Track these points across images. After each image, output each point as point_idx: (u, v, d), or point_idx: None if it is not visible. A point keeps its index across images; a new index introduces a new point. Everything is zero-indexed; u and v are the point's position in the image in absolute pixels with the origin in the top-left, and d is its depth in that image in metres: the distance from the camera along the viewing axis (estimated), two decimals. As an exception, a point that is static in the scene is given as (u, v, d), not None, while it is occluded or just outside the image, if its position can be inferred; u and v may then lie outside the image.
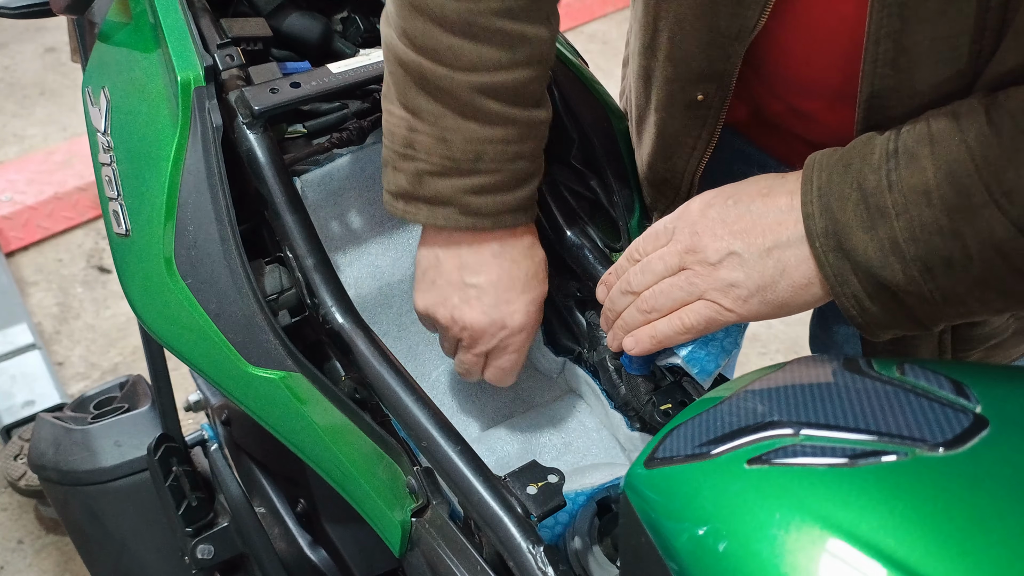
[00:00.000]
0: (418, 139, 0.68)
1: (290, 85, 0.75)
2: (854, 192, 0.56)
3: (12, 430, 1.69)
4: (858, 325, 0.59)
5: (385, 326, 0.82)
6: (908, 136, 0.55)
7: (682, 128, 0.75)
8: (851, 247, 0.56)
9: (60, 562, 1.61)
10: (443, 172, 0.68)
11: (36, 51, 2.85)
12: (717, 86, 0.70)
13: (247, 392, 0.71)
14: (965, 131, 0.53)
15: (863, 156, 0.57)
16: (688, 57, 0.70)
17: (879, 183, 0.55)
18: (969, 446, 0.44)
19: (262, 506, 1.05)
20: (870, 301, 0.57)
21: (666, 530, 0.47)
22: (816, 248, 0.57)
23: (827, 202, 0.57)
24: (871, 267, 0.56)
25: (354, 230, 0.83)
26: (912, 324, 0.58)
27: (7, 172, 2.38)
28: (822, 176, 0.58)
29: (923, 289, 0.55)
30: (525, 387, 0.84)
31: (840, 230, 0.56)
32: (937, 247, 0.54)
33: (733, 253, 0.60)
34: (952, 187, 0.53)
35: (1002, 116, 0.52)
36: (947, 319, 0.58)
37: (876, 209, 0.55)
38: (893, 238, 0.54)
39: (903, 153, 0.55)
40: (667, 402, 0.73)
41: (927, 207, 0.53)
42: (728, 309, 0.62)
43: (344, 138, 0.82)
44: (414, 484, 0.67)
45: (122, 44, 0.82)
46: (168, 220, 0.71)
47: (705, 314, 0.62)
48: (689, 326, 0.63)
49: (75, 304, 2.11)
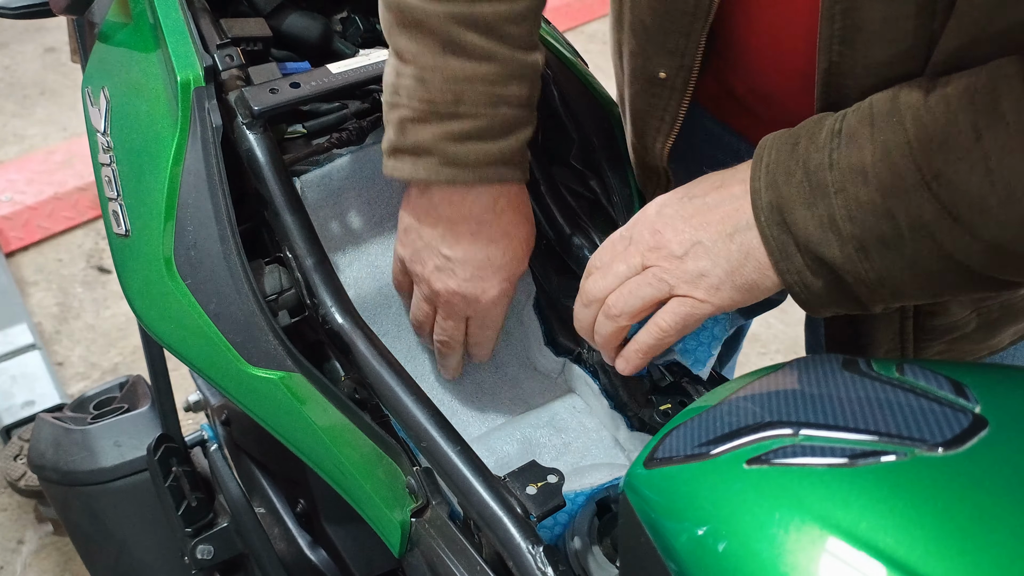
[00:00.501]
0: (401, 83, 0.67)
1: (290, 85, 0.75)
2: (799, 169, 0.57)
3: (12, 430, 1.69)
4: (800, 301, 0.60)
5: (385, 326, 0.82)
6: (852, 116, 0.56)
7: (647, 106, 0.75)
8: (792, 221, 0.57)
9: (60, 562, 1.61)
10: (423, 117, 0.67)
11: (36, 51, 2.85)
12: (679, 65, 0.69)
13: (247, 392, 0.71)
14: (903, 113, 0.54)
15: (811, 135, 0.58)
16: (648, 31, 0.70)
17: (822, 161, 0.56)
18: (968, 446, 0.44)
19: (262, 506, 1.05)
20: (812, 276, 0.58)
21: (665, 530, 0.47)
22: (761, 222, 0.58)
23: (773, 178, 0.58)
24: (811, 242, 0.56)
25: (354, 230, 0.83)
26: (852, 303, 0.59)
27: (7, 172, 2.38)
28: (771, 154, 0.59)
29: (859, 268, 0.56)
30: (525, 387, 0.84)
31: (783, 204, 0.57)
32: (871, 226, 0.54)
33: (698, 243, 0.61)
34: (887, 167, 0.53)
35: (939, 100, 0.53)
36: (885, 300, 0.58)
37: (817, 186, 0.56)
38: (831, 215, 0.55)
39: (845, 133, 0.56)
40: (667, 402, 0.73)
41: (863, 186, 0.54)
42: (702, 300, 0.61)
43: (344, 138, 0.82)
44: (414, 484, 0.67)
45: (122, 44, 0.82)
46: (168, 220, 0.71)
47: (681, 312, 0.62)
48: (667, 328, 0.63)
49: (75, 304, 2.11)
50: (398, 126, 0.68)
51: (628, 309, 0.63)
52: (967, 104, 0.52)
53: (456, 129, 0.67)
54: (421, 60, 0.66)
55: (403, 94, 0.67)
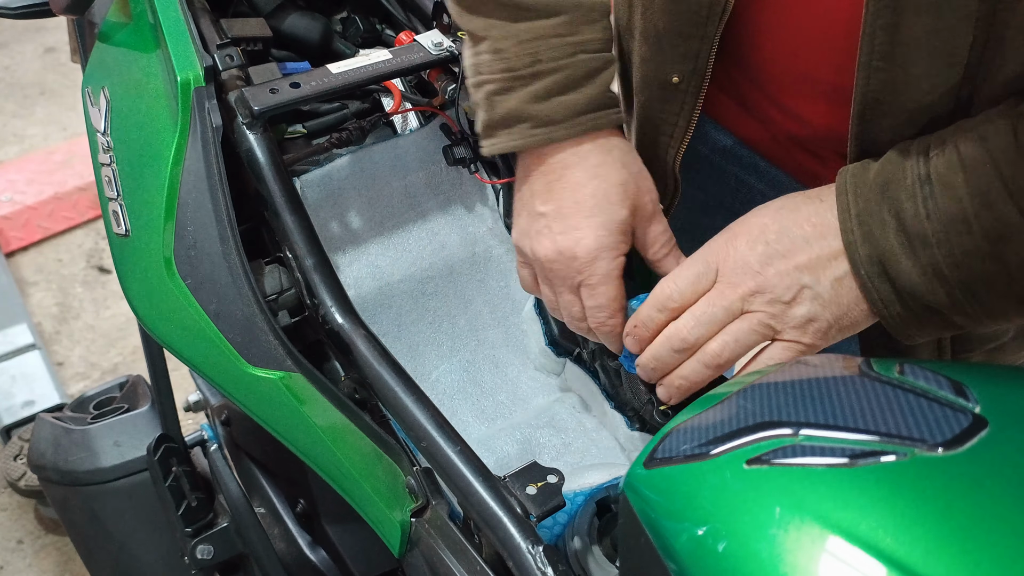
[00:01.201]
0: (480, 60, 0.68)
1: (290, 85, 0.75)
2: (892, 219, 0.56)
3: (12, 430, 1.69)
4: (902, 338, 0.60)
5: (385, 326, 0.82)
6: (939, 161, 0.55)
7: (660, 112, 0.74)
8: (896, 274, 0.56)
9: (60, 562, 1.61)
10: (506, 87, 0.67)
11: (36, 51, 2.85)
12: (692, 68, 0.69)
13: (247, 392, 0.71)
14: (995, 155, 0.53)
15: (897, 180, 0.56)
16: (661, 36, 0.70)
17: (916, 211, 0.55)
18: (968, 446, 0.44)
19: (262, 506, 1.05)
20: (915, 319, 0.58)
21: (666, 530, 0.47)
22: (862, 276, 0.57)
23: (868, 229, 0.57)
24: (916, 292, 0.56)
25: (354, 230, 0.83)
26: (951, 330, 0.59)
27: (7, 172, 2.38)
28: (859, 202, 0.57)
29: (967, 309, 0.56)
30: (525, 387, 0.84)
31: (884, 257, 0.57)
32: (979, 271, 0.54)
33: (805, 287, 0.59)
34: (989, 214, 0.53)
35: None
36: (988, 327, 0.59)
37: (916, 237, 0.55)
38: (936, 264, 0.55)
39: (936, 181, 0.55)
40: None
41: (967, 235, 0.54)
42: (810, 345, 0.60)
43: (344, 138, 0.82)
44: (413, 484, 0.67)
45: (122, 44, 0.82)
46: (168, 220, 0.71)
47: (786, 356, 0.60)
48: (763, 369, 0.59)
49: (75, 304, 2.11)
50: (486, 103, 0.68)
51: (733, 357, 0.61)
52: None
53: (540, 88, 0.66)
54: (492, 32, 0.66)
55: (484, 70, 0.67)
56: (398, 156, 0.85)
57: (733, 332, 0.61)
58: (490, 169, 0.87)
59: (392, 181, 0.84)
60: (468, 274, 0.86)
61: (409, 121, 0.86)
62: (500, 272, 0.87)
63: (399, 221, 0.85)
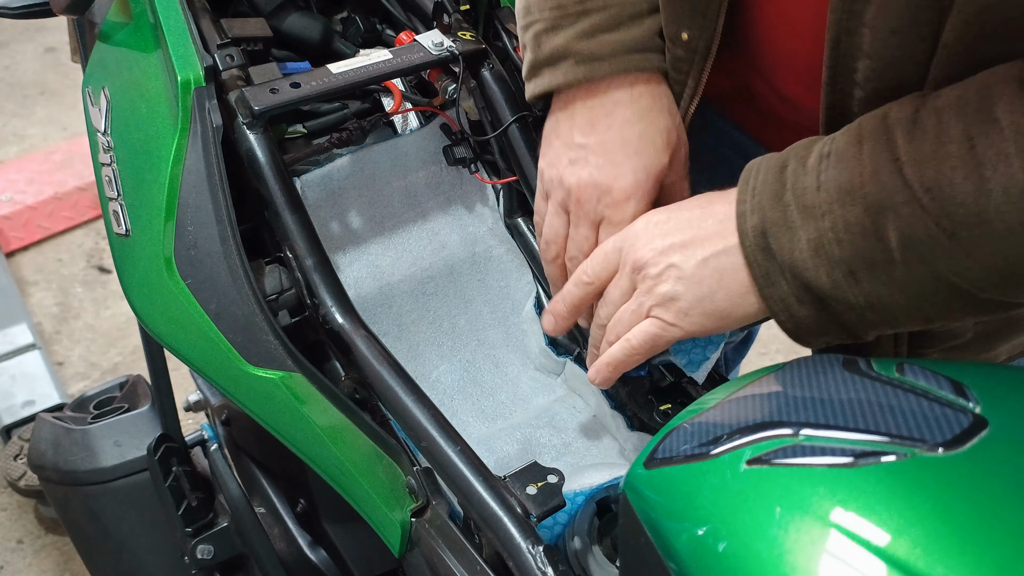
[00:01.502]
0: (531, 2, 0.69)
1: (290, 85, 0.75)
2: (787, 192, 0.56)
3: (12, 430, 1.69)
4: (787, 330, 0.59)
5: (385, 326, 0.82)
6: (841, 138, 0.55)
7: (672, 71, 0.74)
8: (779, 246, 0.56)
9: (60, 562, 1.61)
10: (554, 25, 0.68)
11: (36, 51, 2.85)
12: (702, 25, 0.68)
13: (247, 392, 0.71)
14: (892, 129, 0.53)
15: (801, 157, 0.57)
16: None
17: (810, 183, 0.55)
18: (968, 446, 0.44)
19: (262, 506, 1.05)
20: (798, 304, 0.56)
21: (666, 530, 0.47)
22: (745, 247, 0.57)
23: (760, 200, 0.57)
24: (797, 268, 0.55)
25: (354, 230, 0.83)
26: (841, 331, 0.57)
27: (7, 172, 2.38)
28: (759, 176, 0.58)
29: (847, 294, 0.54)
30: (525, 387, 0.84)
31: (769, 228, 0.56)
32: (860, 248, 0.53)
33: (672, 266, 0.60)
34: (876, 185, 0.52)
35: (929, 114, 0.51)
36: (875, 327, 0.57)
37: (804, 208, 0.55)
38: (819, 239, 0.54)
39: (835, 154, 0.55)
40: (667, 402, 0.73)
41: (851, 206, 0.53)
42: (671, 324, 0.61)
43: (344, 138, 0.82)
44: (414, 484, 0.67)
45: (122, 44, 0.82)
46: (168, 220, 0.71)
47: (650, 331, 0.62)
48: (635, 347, 0.63)
49: (75, 304, 2.11)
50: (533, 42, 0.69)
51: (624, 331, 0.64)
52: (958, 113, 0.50)
53: (587, 26, 0.67)
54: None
55: (534, 10, 0.69)
56: (398, 156, 0.85)
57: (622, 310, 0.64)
58: (490, 169, 0.87)
59: (392, 181, 0.84)
60: (468, 274, 0.86)
61: (409, 121, 0.86)
62: (500, 272, 0.87)
63: (399, 221, 0.85)
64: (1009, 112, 0.48)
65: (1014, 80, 0.49)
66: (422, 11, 0.89)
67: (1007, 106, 0.49)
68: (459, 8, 0.85)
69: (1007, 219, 0.49)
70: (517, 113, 0.81)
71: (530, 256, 0.87)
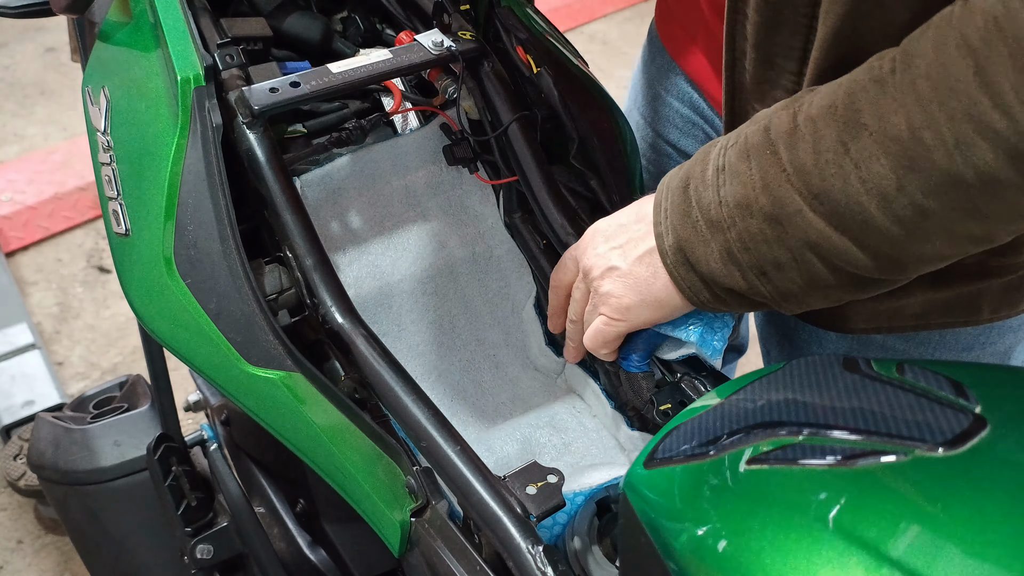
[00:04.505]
0: None
1: (290, 85, 0.75)
2: (693, 209, 0.61)
3: (12, 430, 1.69)
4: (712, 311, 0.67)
5: (385, 326, 0.82)
6: (732, 152, 0.60)
7: None
8: (695, 260, 0.62)
9: (60, 562, 1.61)
10: None
11: (36, 51, 2.85)
12: None
13: (247, 392, 0.71)
14: (775, 143, 0.57)
15: (700, 175, 0.62)
16: None
17: (711, 199, 0.60)
18: (968, 446, 0.44)
19: (261, 506, 1.06)
20: (722, 303, 0.63)
21: (666, 530, 0.47)
22: (668, 264, 0.63)
23: (672, 221, 0.63)
24: (715, 276, 0.61)
25: (354, 230, 0.83)
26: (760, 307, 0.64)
27: (7, 172, 2.38)
28: (668, 198, 0.63)
29: (762, 290, 0.61)
30: (525, 387, 0.84)
31: (684, 245, 0.62)
32: (765, 253, 0.59)
33: (611, 267, 0.66)
34: (768, 198, 0.57)
35: (806, 122, 0.56)
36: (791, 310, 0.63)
37: (711, 223, 0.60)
38: (728, 249, 0.60)
39: (728, 170, 0.60)
40: (667, 402, 0.73)
41: (751, 218, 0.58)
42: (615, 319, 0.67)
43: (344, 138, 0.82)
44: (413, 484, 0.67)
45: (122, 44, 0.82)
46: (168, 220, 0.71)
47: (600, 328, 0.69)
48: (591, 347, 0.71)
49: (75, 304, 2.11)
50: None
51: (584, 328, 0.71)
52: (830, 120, 0.55)
53: None
54: None
55: None
56: (398, 156, 0.85)
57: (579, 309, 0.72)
58: (490, 169, 0.87)
59: (392, 181, 0.84)
60: (468, 274, 0.86)
61: (409, 121, 0.86)
62: (500, 272, 0.87)
63: (399, 221, 0.85)
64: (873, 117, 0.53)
65: (872, 83, 0.54)
66: (422, 11, 0.89)
67: (871, 111, 0.53)
68: (459, 8, 0.85)
69: (885, 214, 0.54)
70: (517, 113, 0.81)
71: (530, 256, 0.87)
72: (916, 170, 0.52)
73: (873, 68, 0.54)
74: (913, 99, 0.51)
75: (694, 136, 0.95)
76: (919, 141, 0.51)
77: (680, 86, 0.94)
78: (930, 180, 0.52)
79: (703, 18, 0.84)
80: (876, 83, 0.53)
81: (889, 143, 0.52)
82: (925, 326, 0.77)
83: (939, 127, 0.50)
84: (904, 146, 0.52)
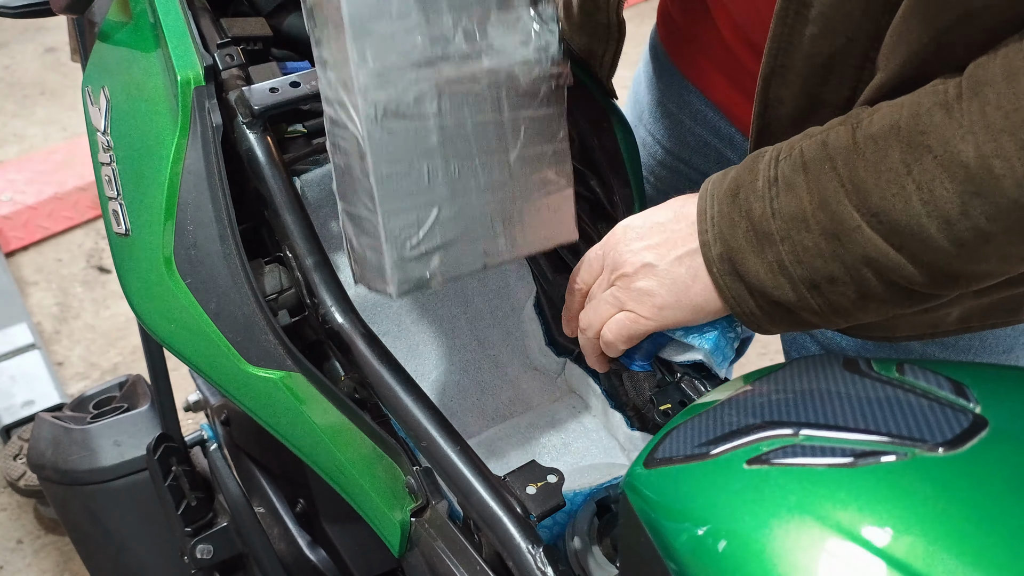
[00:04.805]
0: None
1: (290, 85, 0.75)
2: (743, 220, 0.60)
3: (12, 430, 1.69)
4: (754, 329, 0.64)
5: (385, 326, 0.82)
6: (785, 164, 0.59)
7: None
8: (744, 270, 0.60)
9: (59, 562, 1.61)
10: None
11: (36, 51, 2.85)
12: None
13: (247, 392, 0.71)
14: (834, 158, 0.56)
15: (749, 184, 0.60)
16: None
17: (763, 210, 0.59)
18: (969, 446, 0.44)
19: (261, 506, 1.05)
20: (767, 315, 0.62)
21: (666, 530, 0.47)
22: (714, 273, 0.62)
23: (720, 230, 0.61)
24: (764, 288, 0.60)
25: (354, 230, 0.83)
26: (803, 326, 0.63)
27: (7, 172, 2.38)
28: (715, 207, 0.62)
29: (812, 304, 0.59)
30: (525, 387, 0.84)
31: (733, 255, 0.60)
32: (819, 267, 0.58)
33: (647, 264, 0.64)
34: (826, 213, 0.56)
35: (866, 141, 0.55)
36: (837, 325, 0.62)
37: (763, 235, 0.59)
38: (780, 261, 0.59)
39: (782, 182, 0.58)
40: (667, 402, 0.73)
41: (806, 232, 0.57)
42: (645, 317, 0.65)
43: (344, 138, 0.81)
44: (413, 484, 0.67)
45: (122, 44, 0.82)
46: (168, 220, 0.71)
47: (624, 323, 0.66)
48: (610, 340, 0.67)
49: (75, 304, 2.11)
50: None
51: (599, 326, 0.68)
52: (893, 141, 0.54)
53: None
54: None
55: None
56: (398, 156, 0.84)
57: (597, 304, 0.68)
58: (490, 169, 0.87)
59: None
60: (468, 274, 0.86)
61: (409, 121, 0.86)
62: (500, 272, 0.87)
63: (399, 221, 0.85)
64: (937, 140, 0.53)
65: (938, 107, 0.53)
66: (422, 11, 0.89)
67: (935, 134, 0.53)
68: (459, 8, 0.85)
69: (945, 236, 0.54)
70: (517, 113, 0.81)
71: (530, 256, 0.87)
72: (982, 196, 0.52)
73: (938, 92, 0.54)
74: (982, 127, 0.51)
75: (707, 156, 0.93)
76: (988, 169, 0.51)
77: (694, 105, 0.91)
78: (997, 207, 0.52)
79: (723, 43, 0.81)
80: (942, 108, 0.53)
81: (956, 168, 0.52)
82: (966, 329, 0.77)
83: (1010, 157, 0.50)
84: (971, 173, 0.51)
